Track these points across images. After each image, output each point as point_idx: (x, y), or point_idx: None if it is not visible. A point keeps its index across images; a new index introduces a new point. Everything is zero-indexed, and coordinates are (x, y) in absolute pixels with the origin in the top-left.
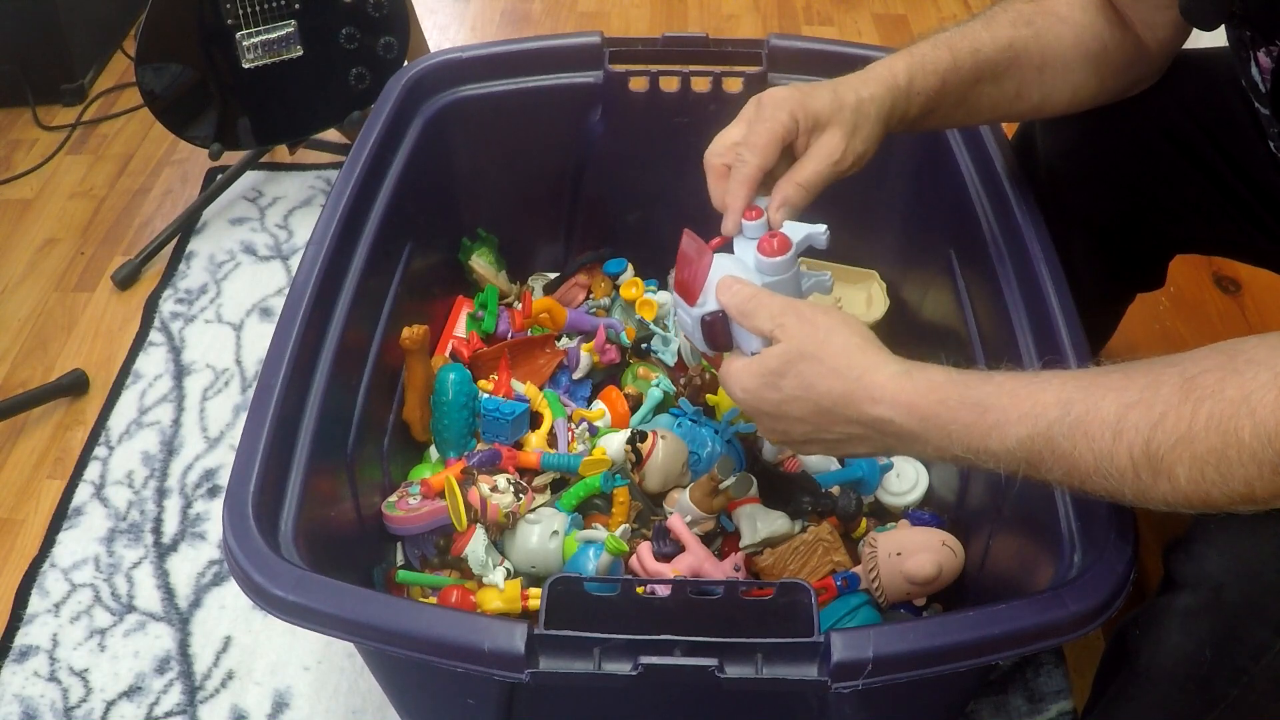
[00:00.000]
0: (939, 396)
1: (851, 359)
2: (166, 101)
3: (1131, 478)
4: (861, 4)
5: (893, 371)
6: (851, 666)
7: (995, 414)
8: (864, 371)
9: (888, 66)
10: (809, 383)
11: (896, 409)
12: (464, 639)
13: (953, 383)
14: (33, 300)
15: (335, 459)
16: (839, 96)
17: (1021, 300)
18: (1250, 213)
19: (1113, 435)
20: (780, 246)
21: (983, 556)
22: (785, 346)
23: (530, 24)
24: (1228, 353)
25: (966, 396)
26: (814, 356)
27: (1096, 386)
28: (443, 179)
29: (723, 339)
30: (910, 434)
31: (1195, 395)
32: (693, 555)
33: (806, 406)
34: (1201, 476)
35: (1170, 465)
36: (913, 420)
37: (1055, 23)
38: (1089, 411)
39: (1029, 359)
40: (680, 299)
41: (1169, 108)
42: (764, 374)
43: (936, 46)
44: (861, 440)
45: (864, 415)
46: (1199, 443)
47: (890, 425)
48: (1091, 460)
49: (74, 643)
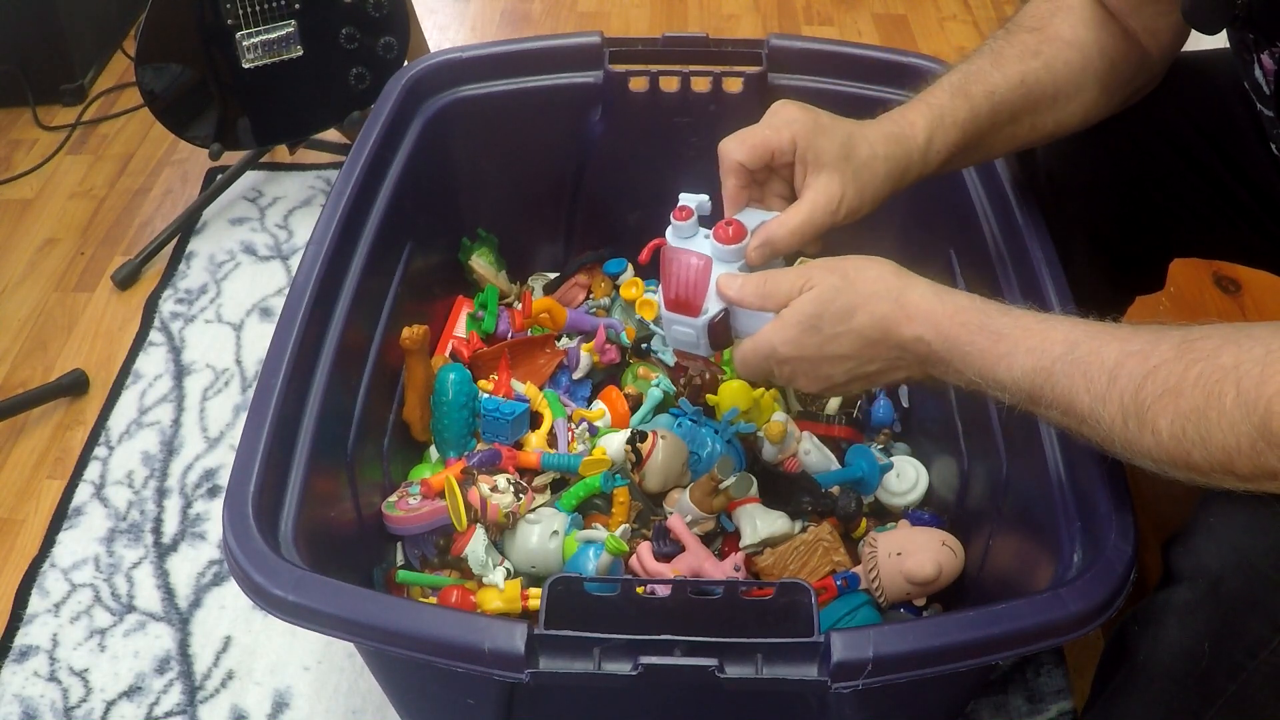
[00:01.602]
0: (962, 319)
1: (887, 282)
2: (166, 101)
3: (1120, 425)
4: (861, 4)
5: (925, 291)
6: (851, 666)
7: (1007, 343)
8: (900, 291)
9: (908, 123)
10: (850, 315)
11: (928, 327)
12: (464, 639)
13: (976, 308)
14: (33, 300)
15: (335, 459)
16: (850, 146)
17: (1022, 301)
18: (1250, 215)
19: (1108, 379)
20: (736, 234)
21: (983, 556)
22: (819, 290)
23: (530, 24)
24: (1234, 328)
25: (986, 323)
26: (850, 289)
27: (1104, 333)
28: (443, 179)
29: (724, 336)
30: (938, 356)
31: (1190, 355)
32: (693, 555)
33: (849, 341)
34: (1183, 433)
35: (1155, 417)
36: (939, 340)
37: (1062, 48)
38: (1091, 354)
39: None
40: (679, 315)
41: (1168, 111)
42: (801, 320)
43: (954, 96)
44: (899, 365)
45: (903, 336)
46: (1184, 399)
47: (921, 345)
48: (1087, 402)
49: (74, 643)
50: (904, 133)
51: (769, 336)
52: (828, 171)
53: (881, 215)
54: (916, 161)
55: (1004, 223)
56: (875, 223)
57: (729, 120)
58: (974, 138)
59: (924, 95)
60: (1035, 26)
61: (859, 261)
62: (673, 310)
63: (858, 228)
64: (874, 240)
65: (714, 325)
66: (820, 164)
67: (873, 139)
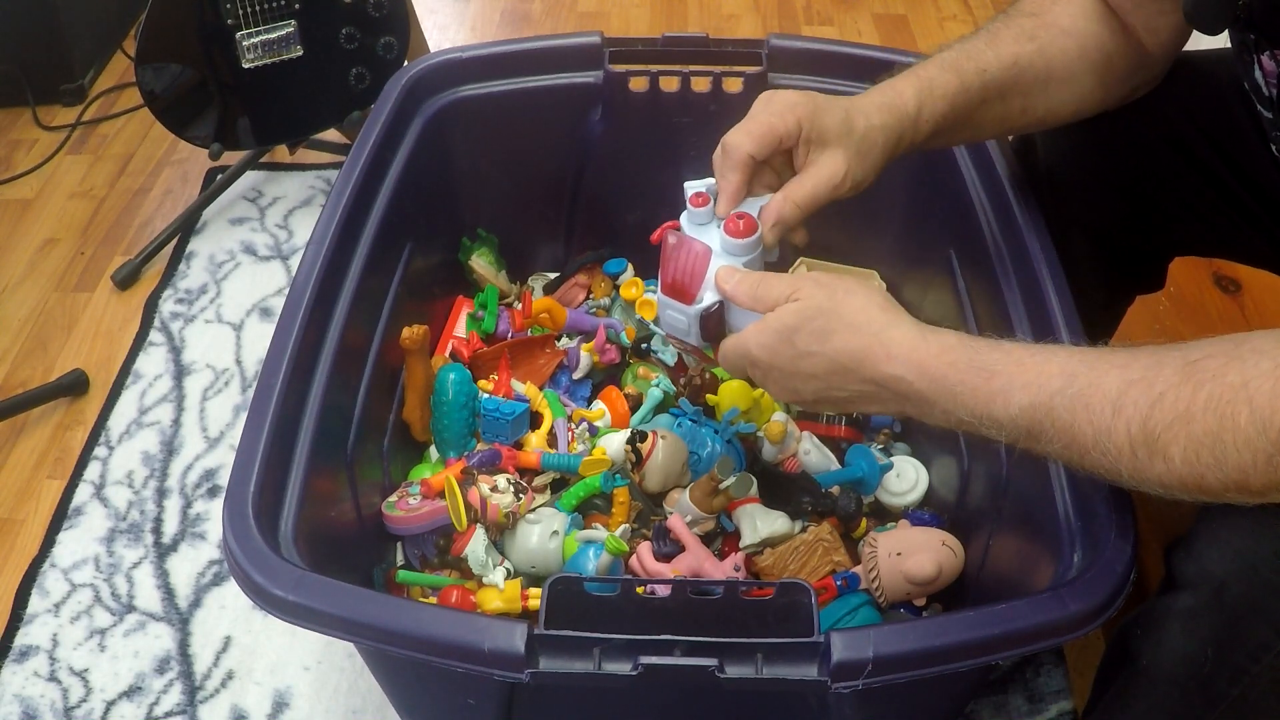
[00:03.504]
0: (950, 359)
1: (871, 315)
2: (166, 101)
3: (1128, 455)
4: (861, 4)
5: (909, 331)
6: (851, 666)
7: (1001, 380)
8: (882, 328)
9: (897, 93)
10: (826, 338)
11: (910, 368)
12: (464, 639)
13: (964, 346)
14: (33, 300)
15: (335, 459)
16: (849, 119)
17: (1021, 301)
18: (1250, 215)
19: (1113, 410)
20: (747, 228)
21: (983, 556)
22: (803, 304)
23: (530, 24)
24: (1234, 341)
25: (975, 361)
26: (832, 313)
27: (1102, 362)
28: (443, 179)
29: (717, 329)
30: (920, 395)
31: (1196, 378)
32: (693, 555)
33: (820, 362)
34: (1196, 459)
35: (1166, 445)
36: (923, 381)
37: (1059, 35)
38: (1091, 385)
39: None
40: (673, 300)
41: (1169, 110)
42: (780, 330)
43: (944, 69)
44: (873, 399)
45: (879, 373)
46: (1196, 424)
47: (902, 384)
48: (1090, 434)
49: (74, 643)
50: (894, 102)
51: (748, 336)
52: (831, 148)
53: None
54: (909, 130)
55: (1004, 222)
56: (876, 223)
57: (729, 120)
58: (963, 112)
59: (915, 68)
60: (1034, 12)
61: (850, 285)
62: (668, 294)
63: (860, 228)
64: (875, 241)
65: (707, 316)
66: (825, 142)
67: (868, 110)
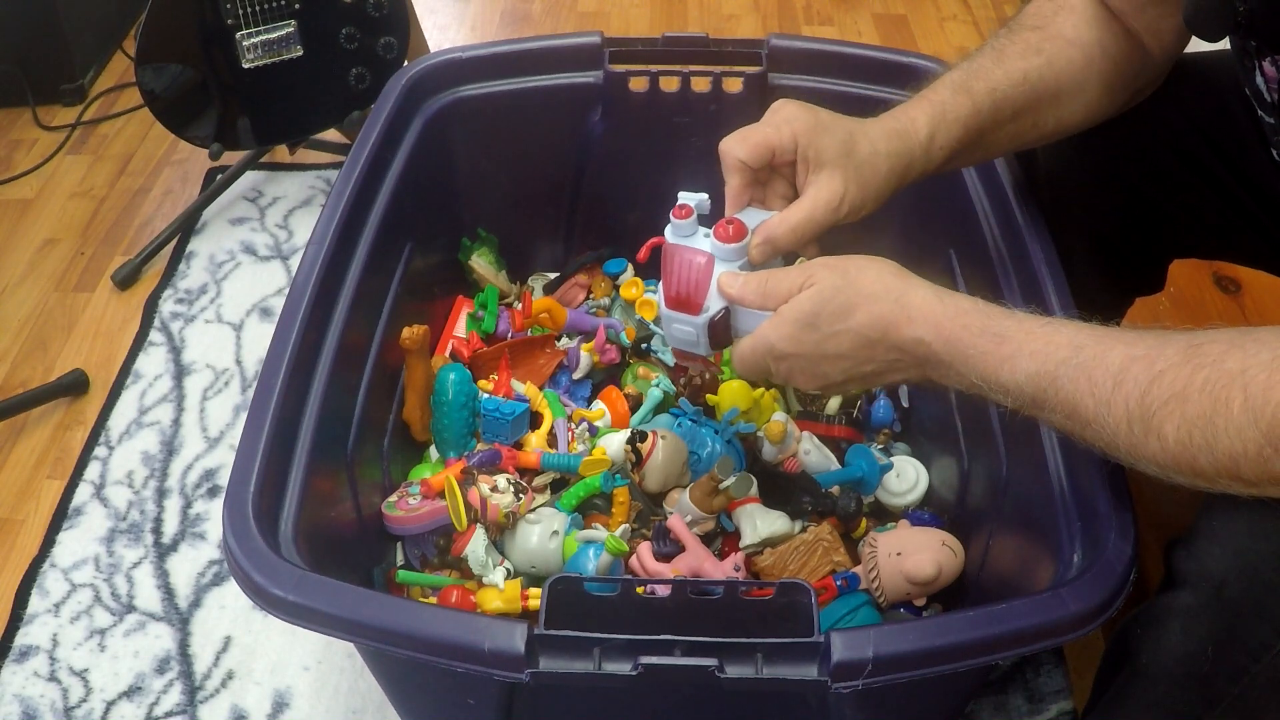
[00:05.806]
0: (964, 322)
1: (887, 284)
2: (166, 101)
3: (1125, 431)
4: (861, 4)
5: (926, 293)
6: (851, 666)
7: (1010, 346)
8: (901, 293)
9: (909, 119)
10: (849, 314)
11: (928, 328)
12: (464, 639)
13: (979, 311)
14: (33, 300)
15: (335, 459)
16: (851, 142)
17: (1022, 301)
18: (1251, 217)
19: (1113, 384)
20: (736, 233)
21: (983, 556)
22: (819, 287)
23: (530, 24)
24: (1239, 331)
25: (989, 326)
26: (850, 288)
27: (1109, 337)
28: (443, 179)
29: (725, 335)
30: (937, 357)
31: (1196, 360)
32: (693, 555)
33: (847, 340)
34: (1189, 439)
35: (1160, 422)
36: (940, 342)
37: (1065, 46)
38: (1096, 357)
39: None
40: (679, 314)
41: (1169, 114)
42: (799, 318)
43: (955, 92)
44: (897, 368)
45: (902, 337)
46: (1190, 404)
47: (922, 347)
48: (1091, 406)
49: (74, 643)
50: (906, 129)
51: (767, 333)
52: (829, 169)
53: (881, 216)
54: (919, 158)
55: (1004, 223)
56: (875, 223)
57: (729, 120)
58: (976, 134)
59: (925, 92)
60: (1038, 25)
61: (860, 261)
62: (673, 308)
63: (858, 229)
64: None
65: (714, 324)
66: (822, 161)
67: (874, 136)
